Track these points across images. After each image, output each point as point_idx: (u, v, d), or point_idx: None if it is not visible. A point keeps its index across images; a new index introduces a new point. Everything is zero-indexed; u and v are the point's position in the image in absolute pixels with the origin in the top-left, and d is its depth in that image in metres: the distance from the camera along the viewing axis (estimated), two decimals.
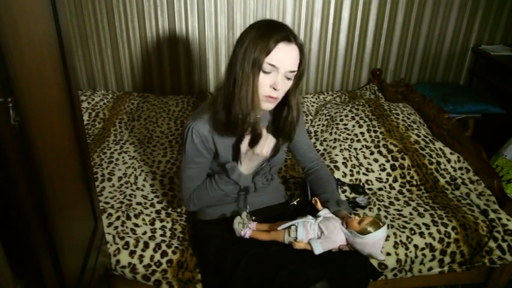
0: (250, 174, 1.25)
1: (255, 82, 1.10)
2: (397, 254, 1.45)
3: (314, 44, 2.66)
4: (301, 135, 1.40)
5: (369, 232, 1.11)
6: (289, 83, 1.15)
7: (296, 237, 1.17)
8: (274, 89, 1.11)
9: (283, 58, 1.09)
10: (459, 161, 1.84)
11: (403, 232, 1.49)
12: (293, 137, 1.30)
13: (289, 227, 1.18)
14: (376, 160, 1.88)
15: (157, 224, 1.53)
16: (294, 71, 1.13)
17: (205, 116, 1.20)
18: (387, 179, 1.82)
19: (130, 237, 1.44)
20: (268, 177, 1.36)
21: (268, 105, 1.17)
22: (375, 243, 1.13)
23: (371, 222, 1.13)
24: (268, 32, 1.08)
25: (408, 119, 2.13)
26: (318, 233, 1.17)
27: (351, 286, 1.24)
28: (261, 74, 1.10)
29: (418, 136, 1.97)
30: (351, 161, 1.88)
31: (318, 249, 1.14)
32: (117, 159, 1.92)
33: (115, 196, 1.66)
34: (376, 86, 2.71)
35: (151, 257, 1.40)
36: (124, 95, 2.55)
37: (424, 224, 1.53)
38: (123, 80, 2.67)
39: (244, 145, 1.18)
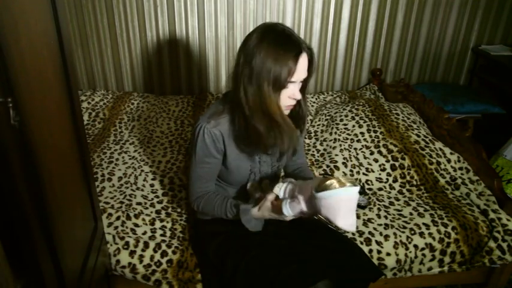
0: (261, 222, 1.20)
1: (277, 99, 1.11)
2: (397, 254, 1.45)
3: (314, 44, 2.66)
4: (300, 138, 1.41)
5: (324, 189, 0.93)
6: (300, 85, 1.17)
7: (277, 196, 1.11)
8: (294, 99, 1.14)
9: (300, 71, 1.10)
10: (459, 161, 1.84)
11: (403, 232, 1.49)
12: (303, 130, 1.32)
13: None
14: (376, 160, 1.88)
15: (157, 224, 1.53)
16: (306, 76, 1.15)
17: (219, 119, 1.20)
18: (387, 179, 1.82)
19: (130, 237, 1.44)
20: (275, 169, 1.36)
21: (287, 112, 1.19)
22: (333, 206, 0.95)
23: (337, 181, 0.95)
24: (284, 50, 1.06)
25: (408, 119, 2.13)
26: (290, 192, 1.08)
27: (352, 286, 1.24)
28: (282, 91, 1.11)
29: (418, 136, 1.97)
30: (351, 161, 1.88)
31: (287, 210, 1.05)
32: (117, 159, 1.92)
33: (115, 196, 1.66)
34: (376, 86, 2.71)
35: (151, 257, 1.40)
36: (124, 95, 2.55)
37: (424, 224, 1.53)
38: (123, 80, 2.67)
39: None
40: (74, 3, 2.43)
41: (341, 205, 0.95)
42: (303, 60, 1.10)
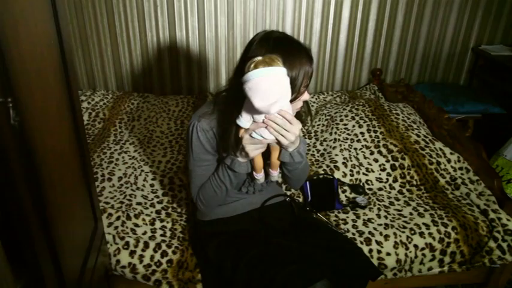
0: (246, 163, 1.17)
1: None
2: (397, 254, 1.45)
3: (314, 44, 2.66)
4: None
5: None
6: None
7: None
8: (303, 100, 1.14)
9: (301, 79, 1.09)
10: (459, 161, 1.84)
11: (403, 232, 1.49)
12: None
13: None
14: (376, 160, 1.88)
15: (158, 224, 1.54)
16: None
17: (210, 115, 1.19)
18: (387, 179, 1.82)
19: (130, 237, 1.44)
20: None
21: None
22: (255, 86, 0.93)
23: (262, 62, 0.94)
24: (299, 56, 1.06)
25: (408, 119, 2.13)
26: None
27: (351, 285, 1.24)
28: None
29: (418, 136, 1.97)
30: (351, 161, 1.88)
31: (240, 121, 1.03)
32: (117, 159, 1.92)
33: (115, 196, 1.66)
34: (376, 86, 2.71)
35: (152, 257, 1.40)
36: (124, 95, 2.55)
37: (424, 224, 1.53)
38: (123, 80, 2.67)
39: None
40: (74, 3, 2.43)
41: (261, 85, 0.93)
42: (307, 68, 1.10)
